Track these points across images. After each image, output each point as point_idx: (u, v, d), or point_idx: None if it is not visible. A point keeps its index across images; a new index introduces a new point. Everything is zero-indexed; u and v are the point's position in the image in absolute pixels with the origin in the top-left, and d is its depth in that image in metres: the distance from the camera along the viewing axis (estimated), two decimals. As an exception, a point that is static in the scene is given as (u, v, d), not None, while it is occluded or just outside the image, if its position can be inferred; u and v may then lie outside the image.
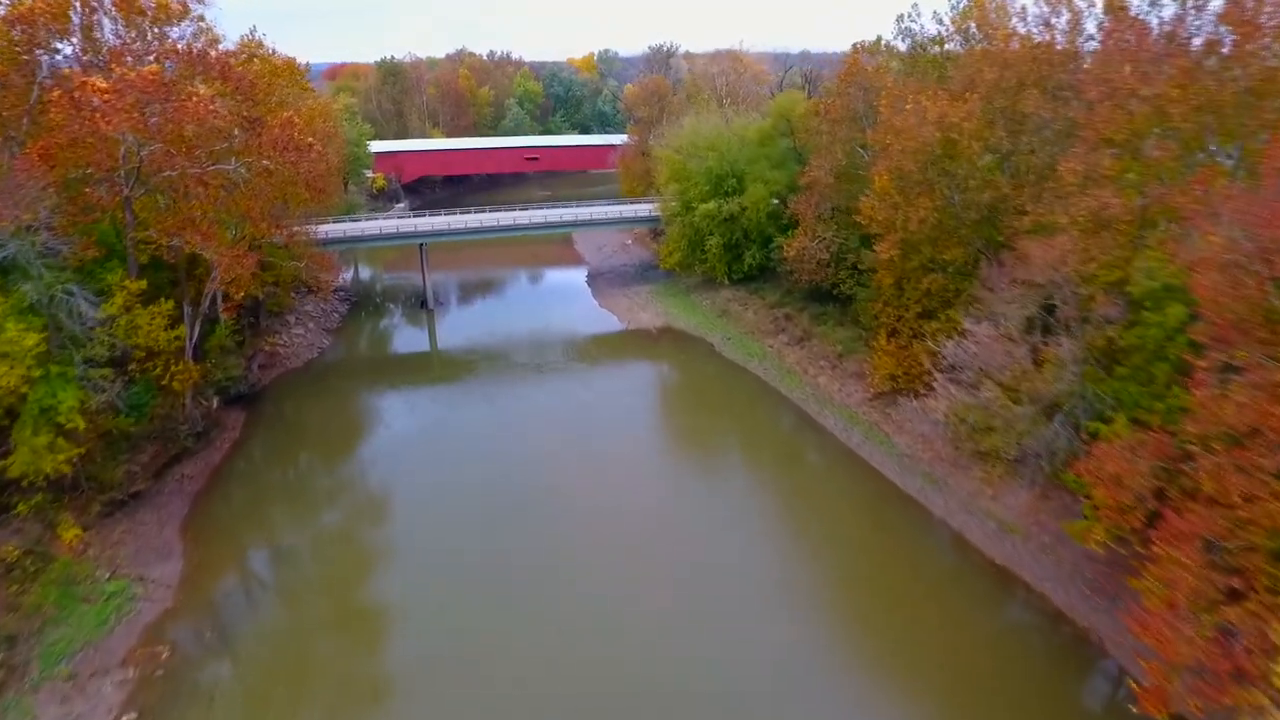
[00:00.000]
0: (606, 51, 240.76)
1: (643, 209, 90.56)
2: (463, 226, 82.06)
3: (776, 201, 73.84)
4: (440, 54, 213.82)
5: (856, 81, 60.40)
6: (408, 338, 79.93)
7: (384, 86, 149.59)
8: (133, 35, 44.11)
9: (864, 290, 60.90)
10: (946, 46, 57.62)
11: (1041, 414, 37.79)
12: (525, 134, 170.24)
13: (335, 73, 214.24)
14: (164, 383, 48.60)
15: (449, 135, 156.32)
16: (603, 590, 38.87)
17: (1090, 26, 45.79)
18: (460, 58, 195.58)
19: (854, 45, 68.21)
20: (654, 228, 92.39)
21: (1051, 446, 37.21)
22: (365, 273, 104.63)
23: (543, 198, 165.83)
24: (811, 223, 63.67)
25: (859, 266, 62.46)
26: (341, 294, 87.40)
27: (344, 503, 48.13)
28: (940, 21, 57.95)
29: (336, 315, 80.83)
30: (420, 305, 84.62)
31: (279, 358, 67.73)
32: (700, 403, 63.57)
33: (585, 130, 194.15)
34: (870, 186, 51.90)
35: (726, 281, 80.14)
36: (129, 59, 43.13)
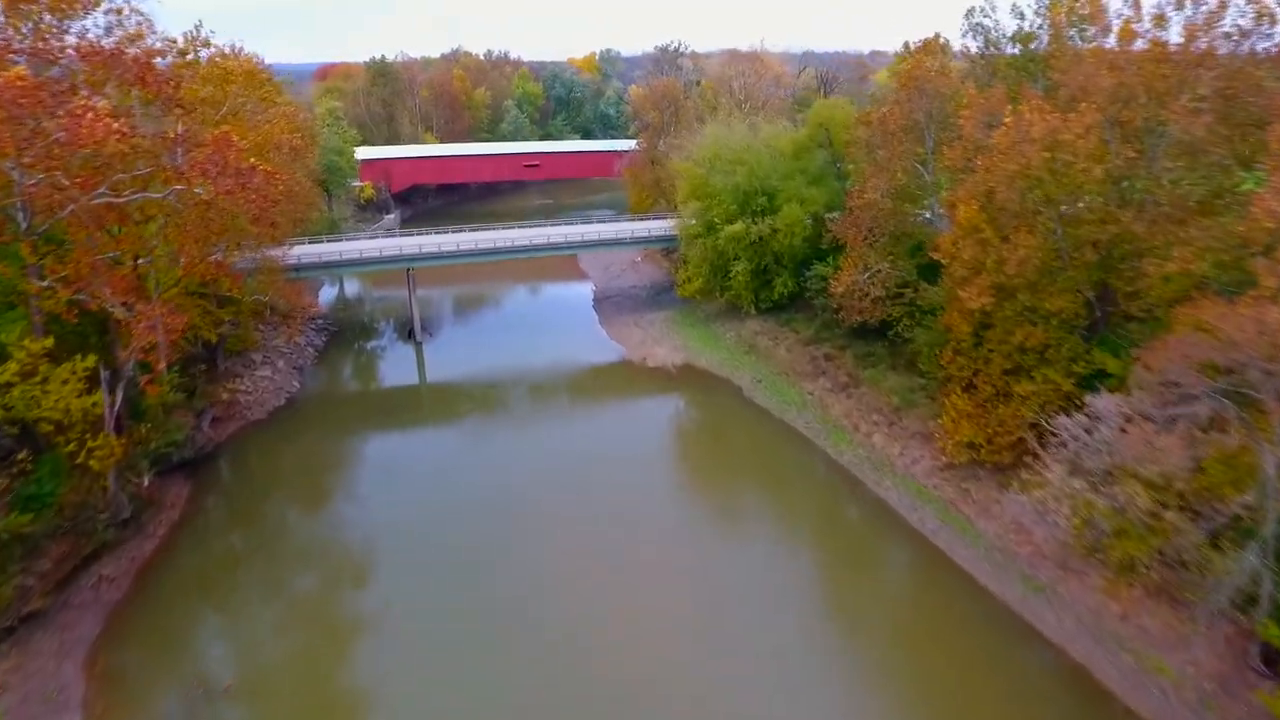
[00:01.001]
0: (609, 51, 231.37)
1: (655, 227, 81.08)
2: (454, 248, 72.55)
3: (810, 222, 64.49)
4: (435, 54, 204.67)
5: (917, 87, 50.96)
6: (392, 377, 70.37)
7: (373, 88, 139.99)
8: (22, 29, 34.53)
9: (926, 332, 51.53)
10: (1031, 46, 48.16)
11: (1215, 537, 28.40)
12: (524, 138, 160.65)
13: (326, 73, 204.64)
14: (79, 461, 39.18)
15: (443, 140, 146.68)
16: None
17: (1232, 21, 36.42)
18: (456, 57, 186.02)
19: (906, 44, 58.90)
20: (668, 248, 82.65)
21: (1237, 581, 27.78)
22: (351, 288, 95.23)
23: (543, 207, 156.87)
24: (861, 251, 54.18)
25: (918, 304, 53.22)
26: (319, 323, 77.86)
27: (310, 606, 38.73)
28: (1021, 16, 48.55)
29: (311, 350, 71.23)
30: (408, 336, 75.15)
31: (239, 408, 58.15)
32: (729, 463, 54.09)
33: (587, 134, 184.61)
34: (951, 216, 42.42)
35: (753, 311, 70.77)
36: (17, 58, 33.53)
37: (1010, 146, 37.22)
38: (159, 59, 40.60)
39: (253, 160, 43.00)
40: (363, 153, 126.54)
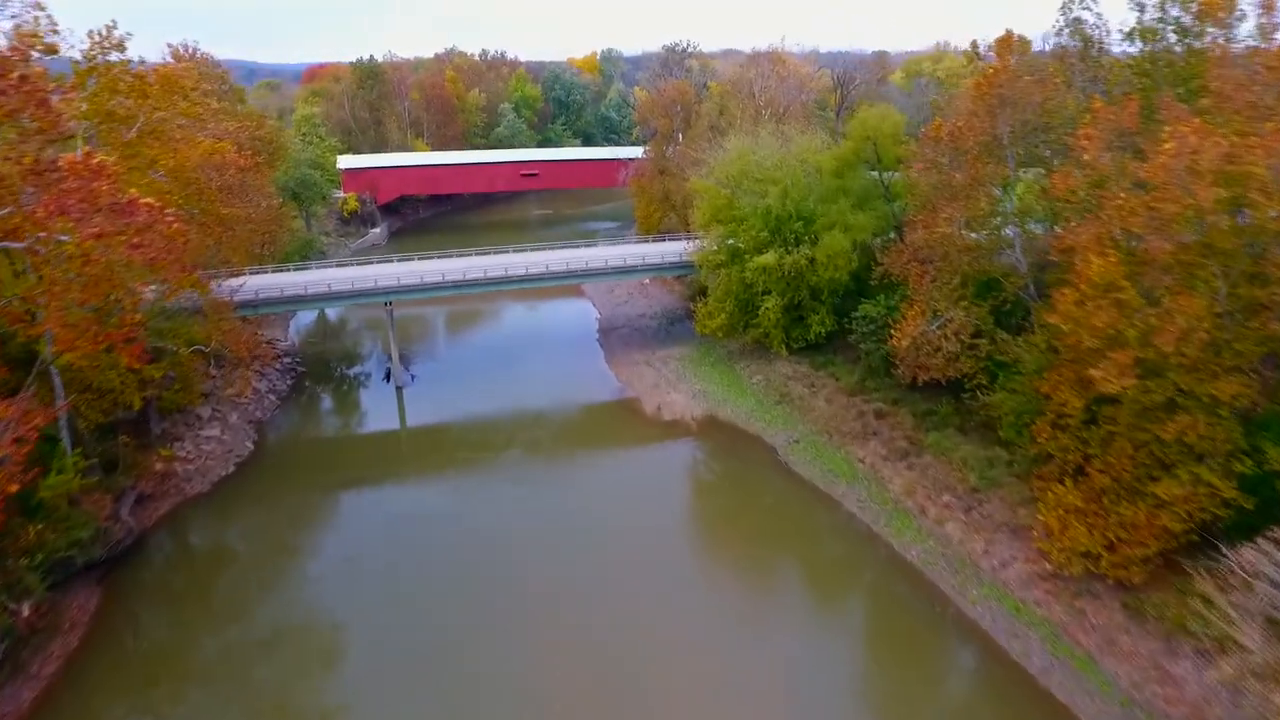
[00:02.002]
0: (610, 51, 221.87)
1: (669, 251, 71.37)
2: (439, 279, 62.83)
3: (856, 252, 54.87)
4: (429, 54, 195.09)
5: (1000, 95, 41.24)
6: (367, 428, 60.70)
7: (359, 91, 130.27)
8: None
9: (1011, 397, 41.90)
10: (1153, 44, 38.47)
11: None
12: (521, 143, 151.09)
13: (314, 74, 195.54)
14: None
15: (434, 147, 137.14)
16: None
17: None
18: (449, 58, 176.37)
19: (973, 44, 49.40)
20: (686, 275, 72.91)
21: None
22: (332, 310, 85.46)
23: (541, 217, 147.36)
24: (927, 294, 44.49)
25: (998, 357, 43.66)
26: (287, 361, 68.16)
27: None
28: (1141, 7, 38.84)
29: (273, 399, 61.47)
30: (385, 378, 65.47)
31: (175, 481, 48.46)
32: (764, 554, 44.26)
33: (588, 139, 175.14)
34: (1070, 269, 32.77)
35: (784, 351, 61.09)
36: None
37: (1169, 180, 27.54)
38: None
39: (134, 191, 33.09)
40: (346, 162, 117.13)
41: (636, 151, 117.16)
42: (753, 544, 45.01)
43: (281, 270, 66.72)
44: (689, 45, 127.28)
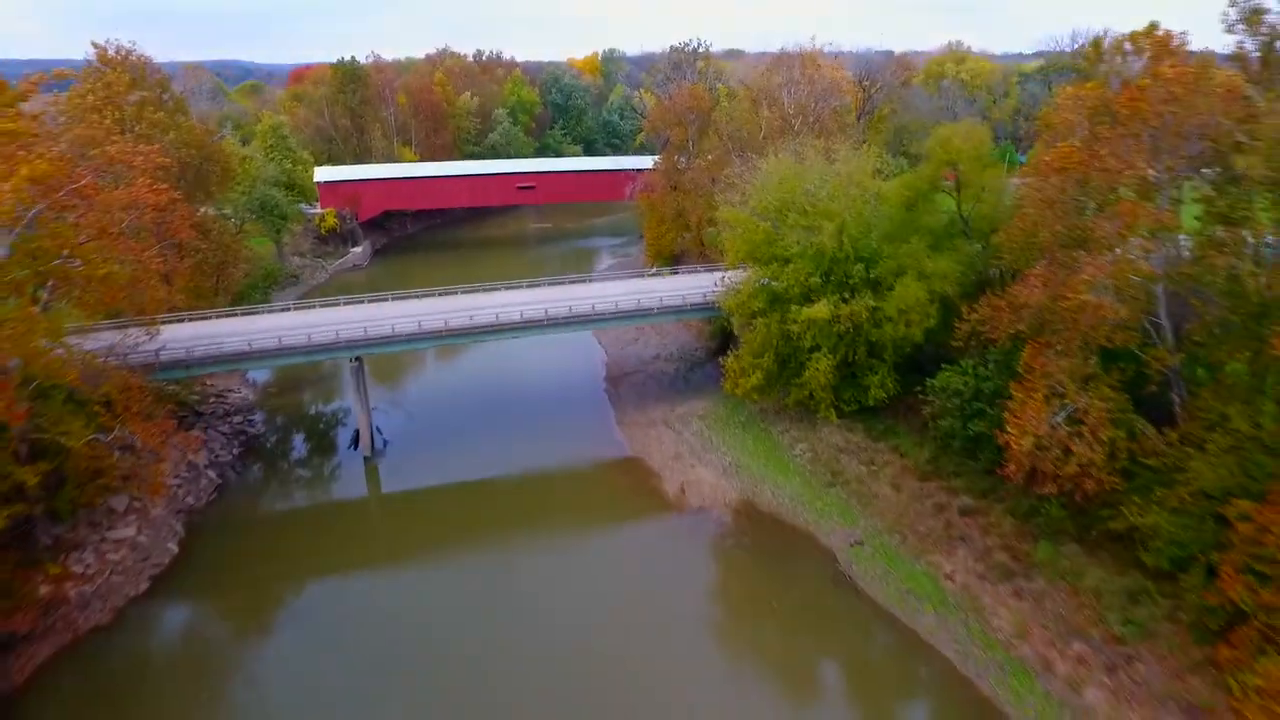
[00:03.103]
0: (612, 51, 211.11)
1: (690, 288, 60.33)
2: (415, 329, 51.84)
3: (935, 304, 43.95)
4: (420, 54, 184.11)
5: (1165, 113, 30.30)
6: (327, 515, 49.61)
7: (340, 95, 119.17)
8: None
9: (1174, 519, 31.06)
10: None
11: None
12: (517, 151, 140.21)
13: (300, 75, 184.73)
14: None
15: (423, 156, 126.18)
16: None
17: None
18: (440, 59, 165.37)
19: (1096, 42, 38.58)
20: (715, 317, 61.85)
21: None
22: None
23: (540, 232, 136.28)
24: (1055, 380, 33.55)
25: (1143, 460, 32.94)
26: (235, 422, 57.20)
27: None
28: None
29: (210, 477, 50.40)
30: (352, 445, 54.50)
31: (65, 610, 37.48)
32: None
33: (590, 145, 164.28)
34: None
35: (833, 416, 50.23)
36: None
37: None
38: None
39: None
40: (324, 174, 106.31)
41: (645, 161, 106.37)
42: (814, 710, 34.04)
43: (229, 314, 55.79)
44: (700, 45, 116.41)
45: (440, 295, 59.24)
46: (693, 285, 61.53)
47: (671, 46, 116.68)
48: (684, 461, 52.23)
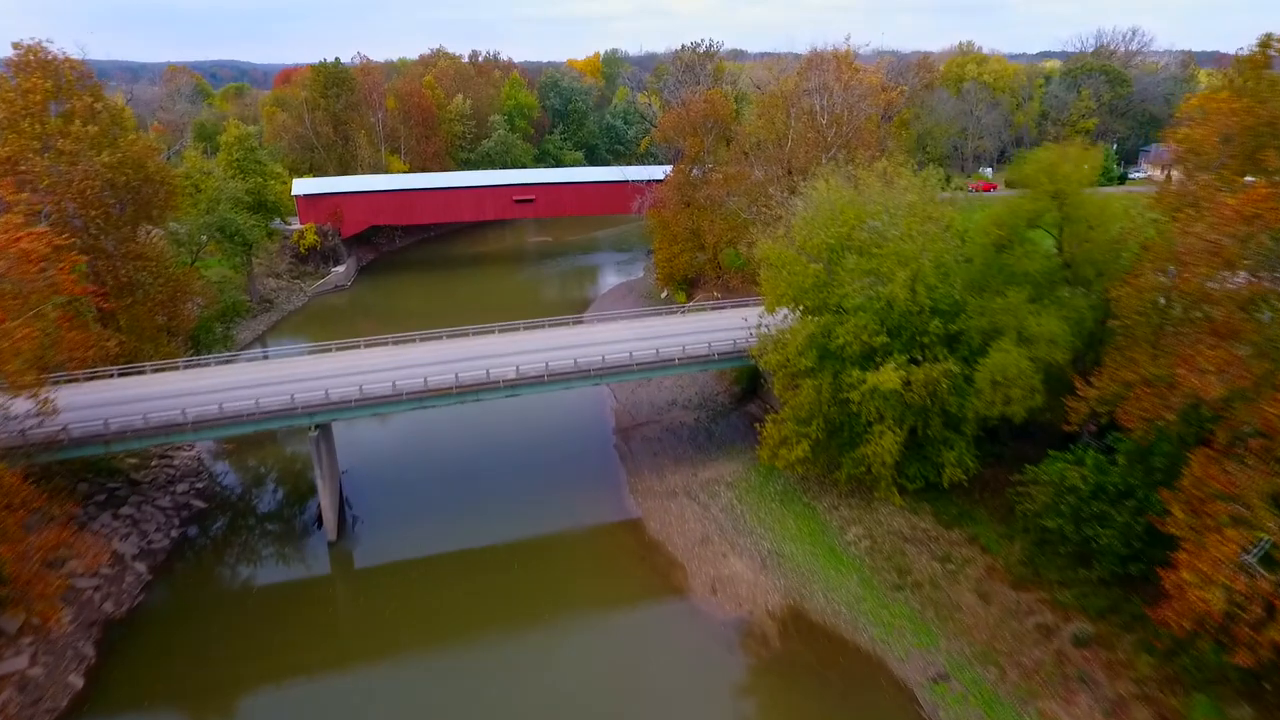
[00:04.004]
0: (614, 52, 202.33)
1: (715, 331, 51.49)
2: (388, 390, 42.83)
3: (1038, 373, 34.90)
4: (415, 55, 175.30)
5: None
6: (285, 612, 40.35)
7: (322, 100, 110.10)
8: None
9: None
10: None
11: None
12: (514, 159, 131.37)
13: (288, 76, 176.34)
14: None
15: (413, 165, 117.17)
16: None
17: None
18: (433, 59, 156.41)
19: (1265, 38, 29.65)
20: (744, 363, 52.83)
21: None
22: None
23: (539, 246, 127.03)
24: (1240, 502, 24.59)
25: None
26: (179, 493, 48.22)
27: None
28: None
29: (139, 572, 41.39)
30: (315, 524, 45.53)
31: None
32: None
33: (591, 151, 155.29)
34: None
35: (895, 496, 41.30)
36: None
37: None
38: None
39: None
40: (303, 186, 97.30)
41: (654, 172, 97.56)
42: None
43: (166, 368, 46.81)
44: (712, 44, 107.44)
45: (421, 341, 50.37)
46: (718, 326, 52.73)
47: (681, 46, 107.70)
48: (713, 547, 43.30)
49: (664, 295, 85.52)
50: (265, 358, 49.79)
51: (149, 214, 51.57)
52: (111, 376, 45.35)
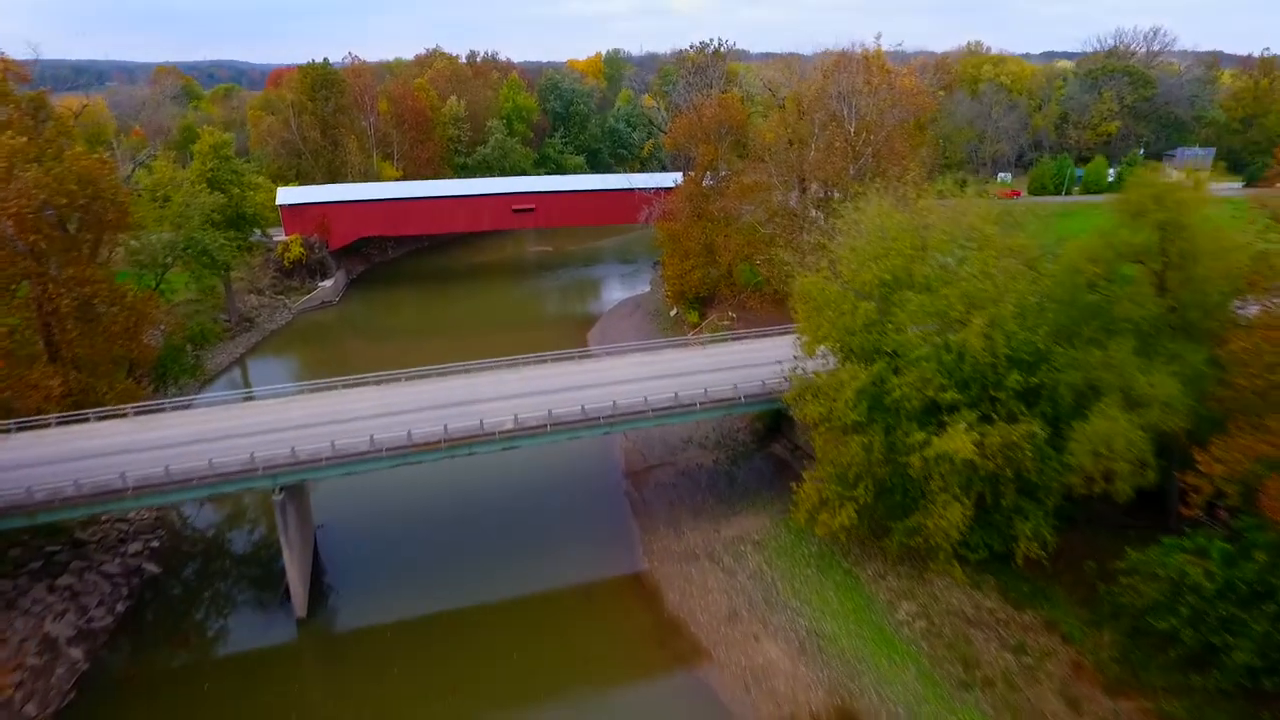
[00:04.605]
0: (616, 52, 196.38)
1: (745, 365, 45.57)
2: (365, 447, 36.85)
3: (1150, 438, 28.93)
4: (411, 56, 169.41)
5: None
6: (246, 695, 34.58)
7: (309, 103, 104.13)
8: None
9: None
10: None
11: None
12: (513, 164, 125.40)
13: (279, 77, 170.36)
14: None
15: (406, 172, 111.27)
16: None
17: None
18: (429, 59, 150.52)
19: None
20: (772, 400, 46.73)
21: None
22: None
23: (540, 257, 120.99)
24: None
25: None
26: (129, 555, 42.26)
27: None
28: None
29: (73, 658, 35.42)
30: (282, 599, 39.51)
31: None
32: None
33: (594, 156, 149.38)
34: None
35: (956, 570, 35.39)
36: None
37: None
38: None
39: None
40: (287, 195, 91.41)
41: (662, 180, 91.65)
42: None
43: (112, 415, 40.83)
44: (722, 44, 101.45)
45: (406, 380, 44.43)
46: (743, 361, 46.88)
47: (689, 46, 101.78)
48: (743, 626, 37.36)
49: (673, 313, 79.67)
50: (225, 402, 43.60)
51: (100, 233, 45.66)
52: (49, 426, 39.40)
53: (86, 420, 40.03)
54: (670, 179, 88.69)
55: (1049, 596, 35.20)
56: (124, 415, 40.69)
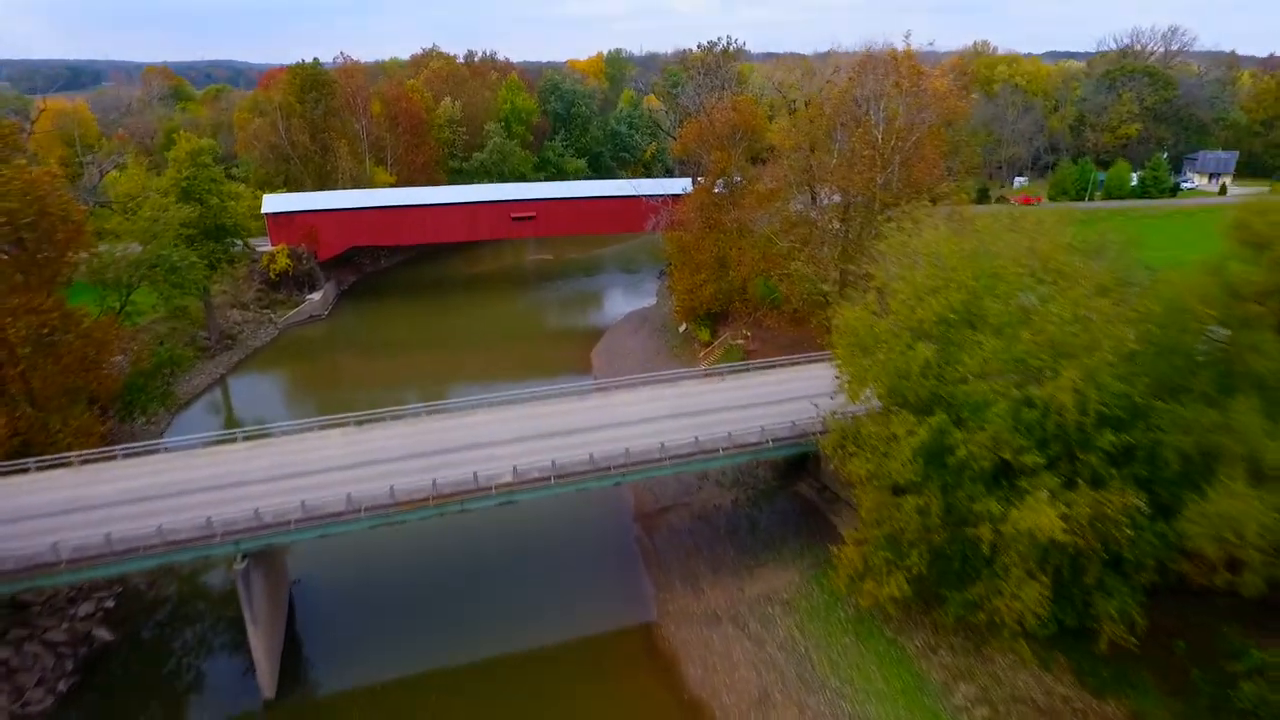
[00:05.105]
0: (618, 52, 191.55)
1: (770, 400, 40.74)
2: (341, 506, 31.96)
3: None
4: (406, 56, 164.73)
5: None
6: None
7: (298, 105, 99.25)
8: None
9: None
10: None
11: None
12: (512, 169, 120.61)
13: (271, 78, 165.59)
14: None
15: (400, 178, 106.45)
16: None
17: None
18: (425, 59, 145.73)
19: None
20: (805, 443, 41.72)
21: None
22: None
23: (539, 266, 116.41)
24: None
25: None
26: (78, 619, 37.37)
27: None
28: None
29: (0, 758, 30.69)
30: (249, 670, 34.60)
31: None
32: None
33: (595, 160, 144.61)
34: None
35: (1023, 647, 30.47)
36: None
37: None
38: None
39: None
40: (274, 203, 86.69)
41: (671, 186, 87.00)
42: None
43: (57, 464, 35.93)
44: (732, 43, 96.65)
45: (392, 419, 39.54)
46: (768, 394, 42.16)
47: (697, 45, 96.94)
48: (776, 712, 32.51)
49: (683, 329, 74.87)
50: (186, 447, 38.63)
51: (48, 254, 40.81)
52: (-16, 475, 34.60)
53: (26, 471, 35.15)
54: (679, 185, 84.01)
55: (1134, 682, 30.35)
56: (69, 464, 35.81)
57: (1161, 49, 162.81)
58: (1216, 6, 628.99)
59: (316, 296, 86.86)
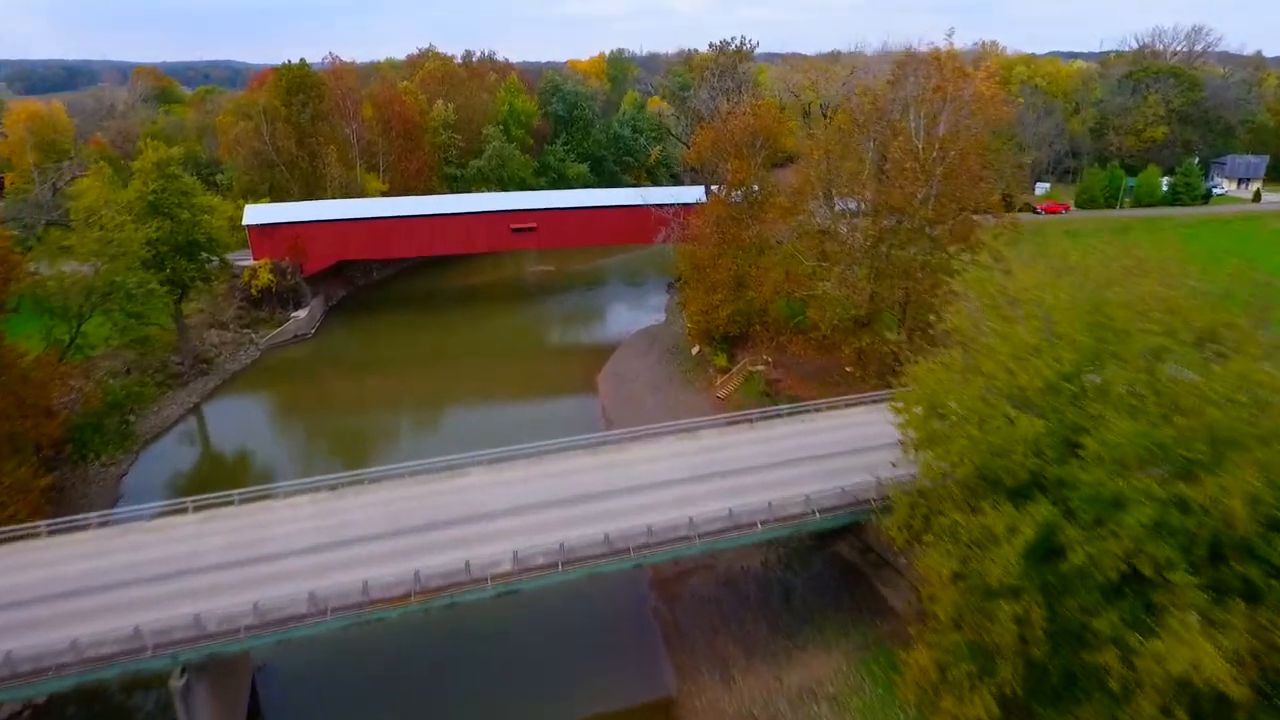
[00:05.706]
0: (620, 52, 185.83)
1: (811, 455, 34.98)
2: (302, 607, 26.13)
3: None
4: (403, 56, 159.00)
5: None
6: None
7: (284, 109, 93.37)
8: None
9: None
10: None
11: None
12: (512, 175, 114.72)
13: (263, 79, 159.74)
14: None
15: (393, 186, 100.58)
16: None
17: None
18: (421, 60, 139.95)
19: None
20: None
21: None
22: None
23: (541, 279, 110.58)
24: None
25: None
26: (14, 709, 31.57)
27: None
28: None
29: None
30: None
31: None
32: None
33: (598, 164, 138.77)
34: None
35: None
36: None
37: None
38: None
39: None
40: (256, 214, 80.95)
41: (683, 194, 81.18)
42: None
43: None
44: (745, 43, 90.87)
45: (371, 483, 33.73)
46: (807, 447, 36.40)
47: (709, 45, 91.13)
48: None
49: (696, 352, 69.10)
50: (123, 521, 32.78)
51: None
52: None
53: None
54: (691, 194, 78.20)
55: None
56: (-16, 542, 30.02)
57: (1185, 49, 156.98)
58: (1217, 6, 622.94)
59: (302, 314, 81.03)
